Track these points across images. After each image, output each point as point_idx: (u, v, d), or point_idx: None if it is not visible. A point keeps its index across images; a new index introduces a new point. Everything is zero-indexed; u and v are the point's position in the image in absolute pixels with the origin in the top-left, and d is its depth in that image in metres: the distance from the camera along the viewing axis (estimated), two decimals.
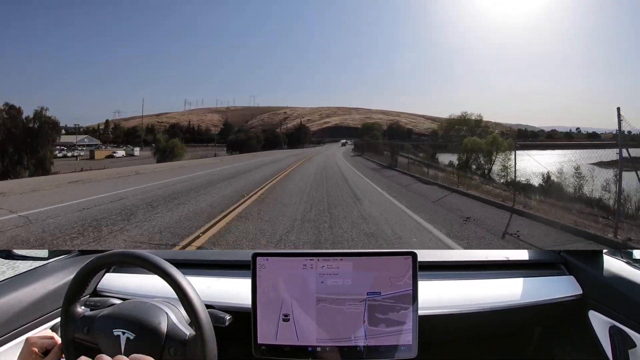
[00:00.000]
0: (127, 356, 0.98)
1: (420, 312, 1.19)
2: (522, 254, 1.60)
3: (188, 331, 1.01)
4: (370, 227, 5.03)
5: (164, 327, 1.01)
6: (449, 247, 4.27)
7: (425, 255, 1.39)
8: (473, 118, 24.16)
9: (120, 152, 23.04)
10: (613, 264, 1.40)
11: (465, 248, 4.28)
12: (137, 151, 24.00)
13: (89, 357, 1.10)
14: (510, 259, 1.58)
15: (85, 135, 23.39)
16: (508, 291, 1.41)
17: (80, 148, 22.03)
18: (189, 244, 4.15)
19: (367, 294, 1.17)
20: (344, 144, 39.88)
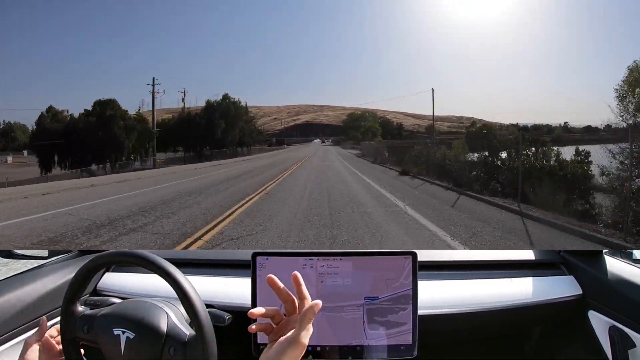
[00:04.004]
0: (128, 356, 0.99)
1: (420, 312, 1.19)
2: (522, 254, 1.60)
3: (188, 331, 1.01)
4: None
5: (164, 326, 1.01)
6: None
7: (425, 255, 1.39)
8: None
9: None
10: (613, 264, 1.40)
11: None
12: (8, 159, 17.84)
13: (90, 356, 1.10)
14: (510, 259, 1.58)
15: None
16: (508, 291, 1.41)
17: None
18: None
19: (365, 299, 1.17)
20: (323, 142, 31.16)
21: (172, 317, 1.04)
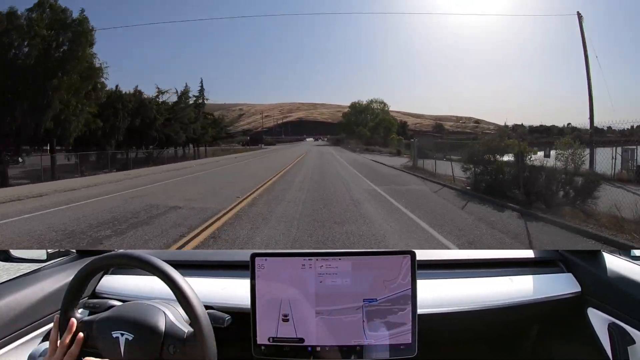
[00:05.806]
0: (128, 358, 0.99)
1: (420, 312, 1.19)
2: (521, 253, 1.60)
3: (186, 328, 1.02)
4: None
5: (162, 326, 1.01)
6: None
7: (423, 254, 1.39)
8: None
9: None
10: (611, 262, 1.41)
11: None
12: None
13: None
14: (510, 257, 1.58)
15: None
16: (507, 289, 1.41)
17: None
18: None
19: (364, 301, 1.17)
20: (316, 140, 28.43)
21: (170, 317, 1.04)
